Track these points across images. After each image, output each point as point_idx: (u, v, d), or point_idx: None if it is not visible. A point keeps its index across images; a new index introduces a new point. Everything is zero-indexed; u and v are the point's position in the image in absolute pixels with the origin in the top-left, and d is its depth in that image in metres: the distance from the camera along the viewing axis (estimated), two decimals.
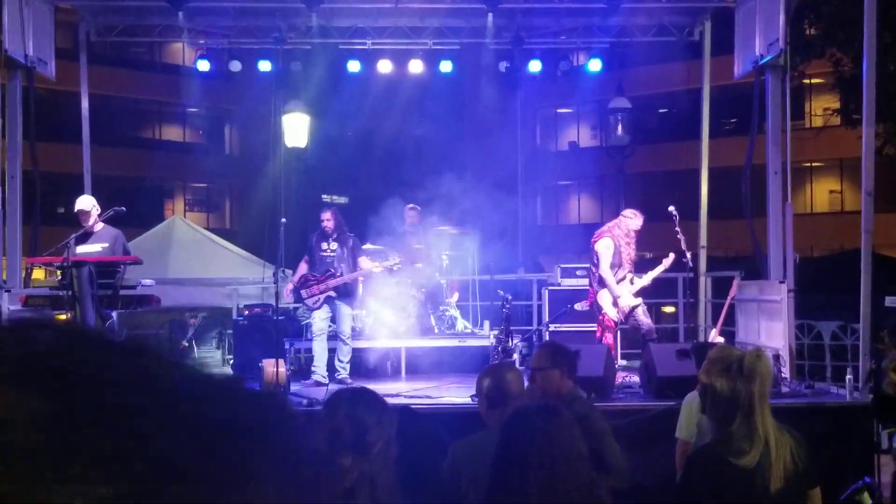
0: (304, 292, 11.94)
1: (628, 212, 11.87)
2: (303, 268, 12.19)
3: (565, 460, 3.62)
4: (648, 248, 12.42)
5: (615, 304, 11.66)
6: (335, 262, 12.00)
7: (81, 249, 11.15)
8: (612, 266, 11.69)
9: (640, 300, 11.71)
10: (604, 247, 11.69)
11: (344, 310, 12.01)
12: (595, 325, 12.17)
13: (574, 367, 6.09)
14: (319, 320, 12.00)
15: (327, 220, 12.12)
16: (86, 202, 11.32)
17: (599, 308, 11.86)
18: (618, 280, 11.67)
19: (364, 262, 12.18)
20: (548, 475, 3.58)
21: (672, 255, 11.67)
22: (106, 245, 11.18)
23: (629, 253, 11.70)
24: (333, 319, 12.05)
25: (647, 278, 11.73)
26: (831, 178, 41.44)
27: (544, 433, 3.62)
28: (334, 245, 12.09)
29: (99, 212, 11.18)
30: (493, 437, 3.96)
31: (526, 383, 5.44)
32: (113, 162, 34.92)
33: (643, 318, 11.65)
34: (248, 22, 15.45)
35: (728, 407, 4.19)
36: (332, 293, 11.93)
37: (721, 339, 11.83)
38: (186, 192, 44.77)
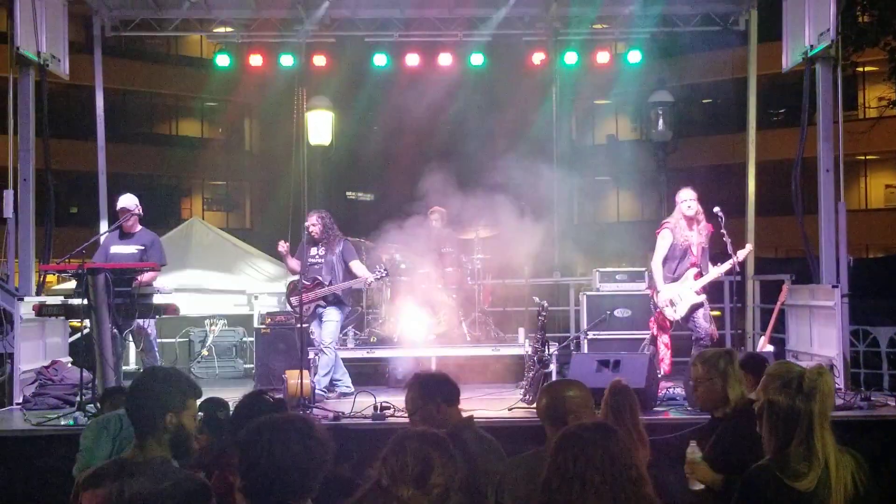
0: (293, 300, 11.98)
1: (679, 194, 11.67)
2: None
3: (630, 481, 3.61)
4: None
5: (672, 302, 11.47)
6: (322, 269, 12.04)
7: (116, 249, 11.39)
8: (672, 258, 11.51)
9: (702, 298, 11.46)
10: (660, 238, 11.55)
11: (329, 315, 12.01)
12: (641, 331, 12.09)
13: (453, 394, 5.94)
14: (317, 333, 12.11)
15: (313, 224, 12.09)
16: (129, 200, 11.63)
17: (656, 305, 11.70)
18: (678, 274, 11.48)
19: (357, 268, 12.17)
20: (611, 496, 3.58)
21: (749, 246, 11.51)
22: (141, 247, 11.43)
23: (696, 241, 11.47)
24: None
25: (715, 272, 11.47)
26: (887, 172, 40.97)
27: (605, 452, 3.61)
28: (322, 251, 12.09)
29: (140, 213, 11.41)
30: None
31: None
32: (128, 159, 35.18)
33: (702, 321, 11.39)
34: (270, 14, 15.51)
35: (786, 426, 4.16)
36: (322, 302, 11.98)
37: (771, 348, 11.74)
38: (205, 190, 44.98)
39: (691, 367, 6.17)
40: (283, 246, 11.93)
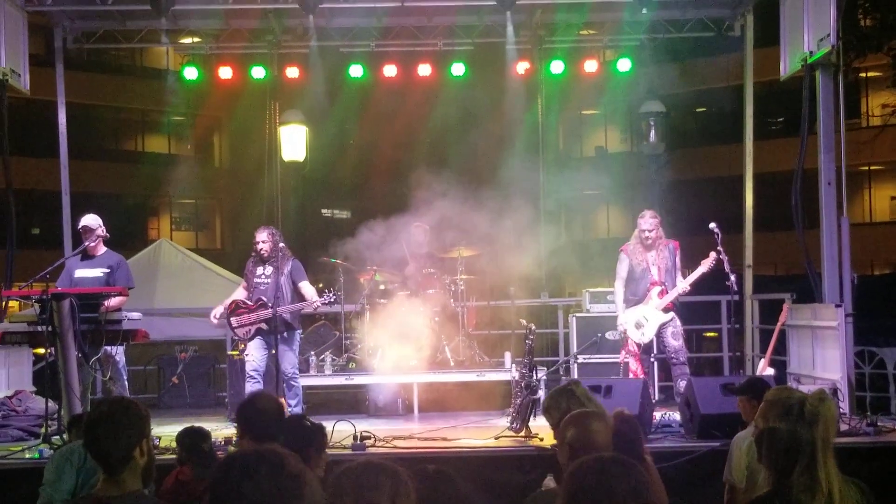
0: (234, 320, 11.88)
1: (641, 213, 11.99)
2: (239, 293, 12.16)
3: None
4: (686, 264, 12.37)
5: (639, 324, 11.67)
6: (268, 290, 11.82)
7: (81, 273, 11.30)
8: (632, 280, 11.76)
9: (670, 316, 11.67)
10: (617, 262, 11.99)
11: (284, 346, 11.77)
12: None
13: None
14: (254, 356, 11.81)
15: (262, 241, 11.94)
16: (92, 220, 11.49)
17: (624, 331, 11.92)
18: (641, 295, 11.71)
19: (305, 290, 11.94)
20: None
21: (713, 255, 11.59)
22: (107, 270, 11.34)
23: (655, 262, 11.71)
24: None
25: (682, 285, 11.69)
26: (892, 183, 40.91)
27: (621, 490, 3.57)
28: (269, 270, 11.93)
29: (104, 234, 11.34)
30: None
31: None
32: (92, 177, 35.10)
33: (670, 339, 11.65)
34: (240, 24, 15.54)
35: (787, 455, 4.17)
36: (264, 325, 11.73)
37: (771, 371, 11.80)
38: (173, 209, 44.87)
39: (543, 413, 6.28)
40: (215, 318, 12.01)
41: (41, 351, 11.54)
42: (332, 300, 12.04)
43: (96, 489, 4.33)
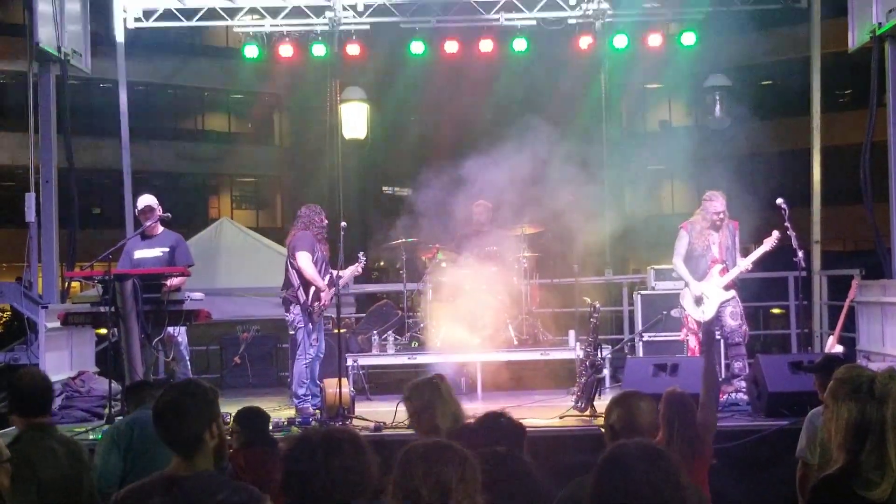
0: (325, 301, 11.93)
1: (706, 194, 11.85)
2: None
3: None
4: (752, 240, 12.29)
5: (698, 301, 11.60)
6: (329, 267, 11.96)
7: (140, 254, 11.42)
8: (691, 257, 11.67)
9: (731, 294, 11.57)
10: (676, 238, 11.84)
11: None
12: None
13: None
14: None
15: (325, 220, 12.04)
16: (151, 199, 11.59)
17: (683, 308, 11.86)
18: (701, 272, 11.62)
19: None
20: None
21: (776, 233, 11.49)
22: (167, 249, 11.45)
23: (717, 241, 11.62)
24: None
25: (744, 263, 11.59)
26: None
27: (652, 477, 3.57)
28: (324, 248, 12.01)
29: (162, 214, 11.45)
30: None
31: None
32: (153, 156, 35.39)
33: (728, 319, 11.56)
34: (300, 1, 15.59)
35: (857, 434, 4.15)
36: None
37: (840, 348, 11.70)
38: (233, 187, 45.17)
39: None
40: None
41: (104, 331, 11.69)
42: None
43: (169, 468, 4.41)
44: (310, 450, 3.72)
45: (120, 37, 15.36)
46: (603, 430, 5.16)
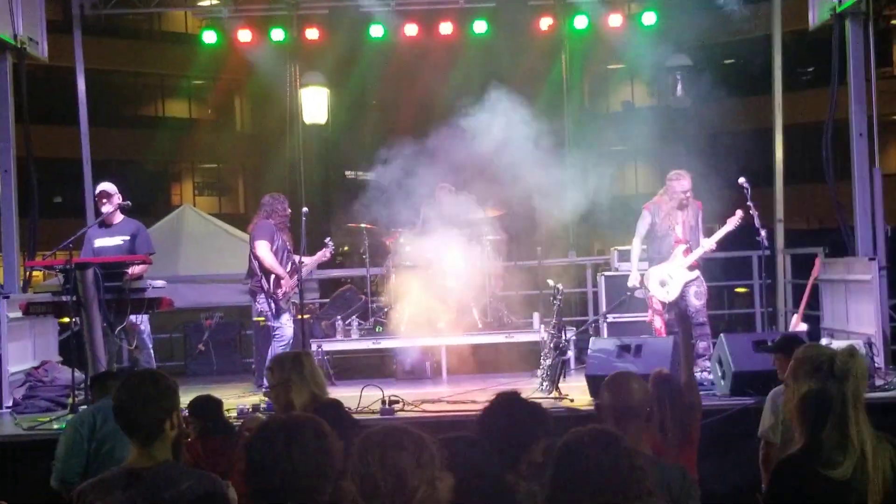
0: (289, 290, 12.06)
1: (671, 174, 11.87)
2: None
3: (635, 487, 3.62)
4: (716, 220, 12.35)
5: (663, 282, 11.63)
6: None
7: (100, 243, 11.39)
8: (654, 237, 11.70)
9: (695, 274, 11.61)
10: (639, 218, 11.87)
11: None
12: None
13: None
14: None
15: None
16: (108, 185, 11.55)
17: (647, 289, 11.87)
18: (665, 253, 11.65)
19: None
20: None
21: (739, 213, 11.52)
22: (127, 238, 11.42)
23: (683, 220, 11.64)
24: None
25: (707, 243, 11.62)
26: None
27: (598, 468, 3.61)
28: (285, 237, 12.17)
29: (120, 200, 11.39)
30: None
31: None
32: (113, 143, 35.15)
33: (692, 299, 11.60)
34: None
35: (818, 412, 4.18)
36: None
37: (804, 326, 11.79)
38: (195, 174, 44.94)
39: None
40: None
41: (66, 321, 11.62)
42: None
43: (128, 460, 4.39)
44: (271, 437, 3.70)
45: (77, 23, 15.21)
46: (598, 411, 5.13)
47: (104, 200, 11.44)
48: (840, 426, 4.13)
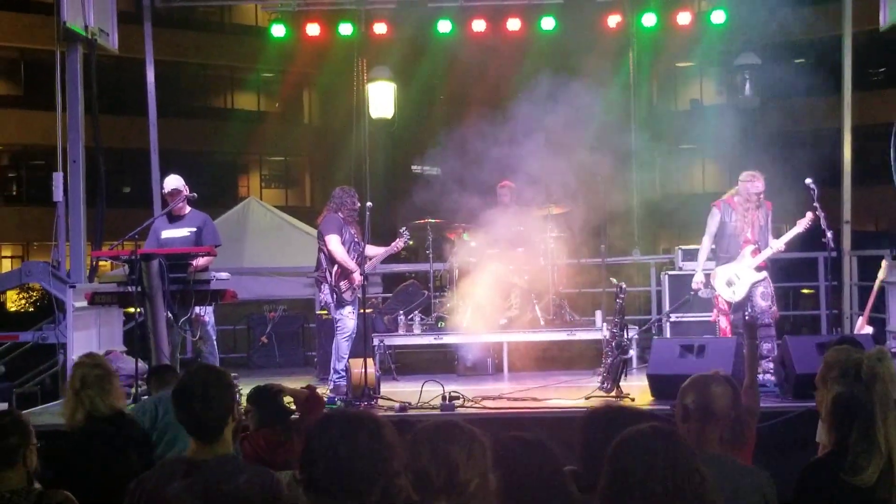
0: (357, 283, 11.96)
1: (744, 175, 11.66)
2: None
3: (692, 488, 3.58)
4: (783, 220, 12.21)
5: (730, 282, 11.49)
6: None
7: (167, 234, 11.49)
8: (724, 236, 11.55)
9: (762, 275, 11.44)
10: (708, 216, 11.68)
11: None
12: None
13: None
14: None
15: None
16: (177, 181, 11.56)
17: (713, 288, 11.73)
18: (734, 252, 11.49)
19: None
20: None
21: (809, 214, 11.35)
22: (194, 229, 11.50)
23: (753, 221, 11.49)
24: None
25: (776, 244, 11.44)
26: None
27: (666, 459, 3.56)
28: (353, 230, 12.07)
29: (189, 194, 11.46)
30: None
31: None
32: (181, 135, 35.54)
33: (759, 300, 11.38)
34: None
35: (845, 417, 4.13)
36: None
37: (870, 329, 11.62)
38: (262, 166, 45.29)
39: None
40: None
41: (132, 311, 11.75)
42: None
43: (188, 452, 4.44)
44: (326, 431, 3.73)
45: (147, 15, 15.37)
46: (676, 412, 5.04)
47: (174, 196, 11.51)
48: (867, 430, 4.09)
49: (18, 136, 37.29)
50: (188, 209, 11.68)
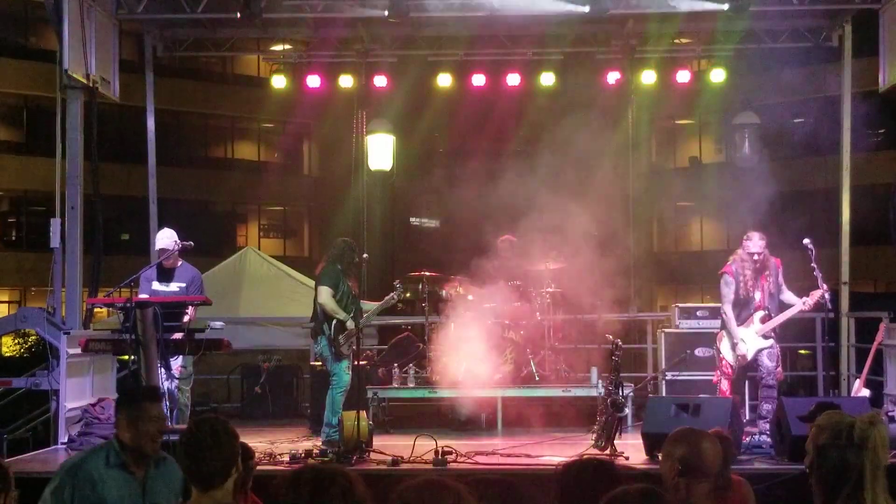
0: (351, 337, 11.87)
1: (747, 234, 11.72)
2: None
3: None
4: (784, 279, 12.18)
5: (735, 347, 11.48)
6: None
7: (157, 287, 11.42)
8: (737, 302, 11.53)
9: (769, 342, 11.43)
10: (722, 283, 11.61)
11: None
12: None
13: None
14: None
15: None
16: (168, 240, 11.42)
17: (718, 350, 11.72)
18: (744, 318, 11.48)
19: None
20: None
21: (820, 292, 11.32)
22: (183, 285, 11.44)
23: (758, 284, 11.47)
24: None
25: (782, 317, 11.45)
26: None
27: None
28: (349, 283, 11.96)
29: (180, 246, 11.37)
30: None
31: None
32: (181, 183, 35.62)
33: (765, 360, 11.36)
34: (328, 33, 15.67)
35: (836, 479, 4.13)
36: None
37: (867, 392, 11.59)
38: (261, 216, 45.33)
39: None
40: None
41: (125, 358, 11.69)
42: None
43: (190, 501, 4.44)
44: (298, 490, 3.67)
45: (149, 65, 15.44)
46: (661, 463, 4.99)
47: (164, 254, 11.42)
48: (855, 493, 4.09)
49: (19, 181, 37.36)
50: (180, 262, 11.60)
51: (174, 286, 11.44)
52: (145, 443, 5.56)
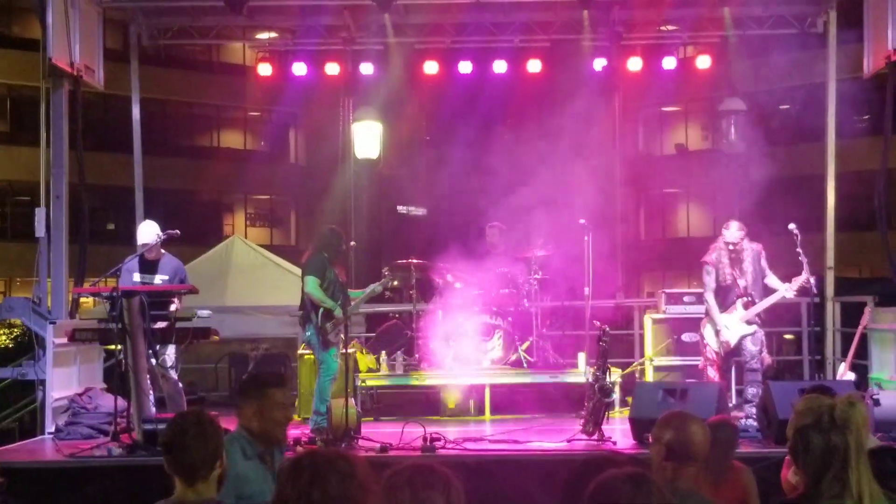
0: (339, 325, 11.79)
1: (726, 224, 11.80)
2: None
3: None
4: (771, 265, 12.22)
5: (718, 334, 11.53)
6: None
7: (139, 279, 11.38)
8: (720, 289, 11.58)
9: (753, 328, 11.49)
10: (704, 273, 11.70)
11: None
12: None
13: None
14: None
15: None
16: (149, 234, 11.36)
17: (702, 337, 11.78)
18: (727, 305, 11.54)
19: None
20: None
21: (804, 277, 11.38)
22: (166, 278, 11.38)
23: (741, 272, 11.52)
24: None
25: (765, 303, 11.52)
26: None
27: None
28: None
29: (162, 238, 11.32)
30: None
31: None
32: (167, 173, 35.41)
33: (749, 344, 11.44)
34: (314, 21, 15.63)
35: (820, 462, 4.15)
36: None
37: (852, 375, 11.65)
38: (248, 205, 45.22)
39: None
40: None
41: (112, 348, 11.68)
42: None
43: (175, 495, 4.42)
44: (297, 474, 3.68)
45: (134, 53, 15.40)
46: (651, 447, 5.00)
47: (145, 247, 11.36)
48: (840, 474, 4.11)
49: (3, 171, 37.20)
50: (162, 253, 11.54)
51: (157, 278, 11.38)
52: (274, 430, 5.57)
